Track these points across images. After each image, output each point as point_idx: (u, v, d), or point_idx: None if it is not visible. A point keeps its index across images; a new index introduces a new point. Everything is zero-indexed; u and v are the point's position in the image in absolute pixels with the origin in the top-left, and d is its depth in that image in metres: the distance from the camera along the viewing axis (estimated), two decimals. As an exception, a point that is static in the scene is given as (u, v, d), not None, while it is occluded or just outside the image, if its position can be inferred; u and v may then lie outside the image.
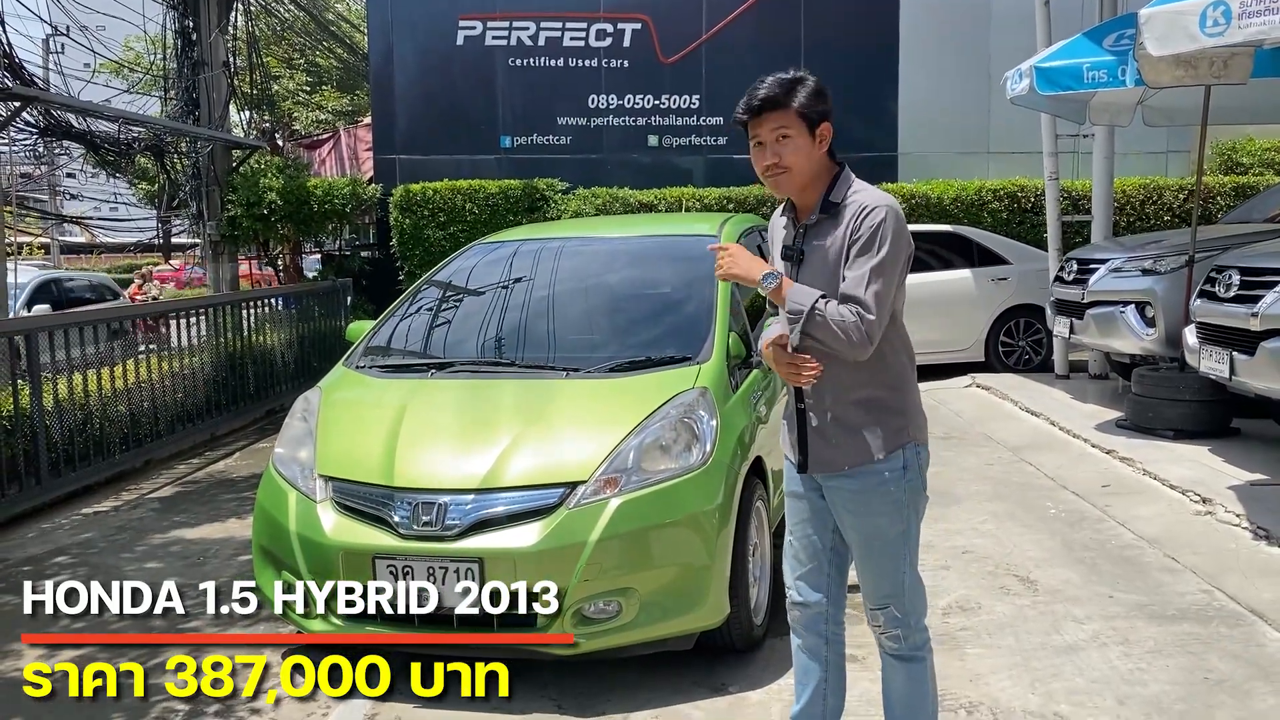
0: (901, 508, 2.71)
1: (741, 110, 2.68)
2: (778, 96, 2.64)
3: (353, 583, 3.59)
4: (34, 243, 34.95)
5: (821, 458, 2.74)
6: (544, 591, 3.45)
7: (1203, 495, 5.69)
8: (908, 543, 2.75)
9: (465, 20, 13.72)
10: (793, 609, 2.92)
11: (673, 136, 13.99)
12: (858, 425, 2.69)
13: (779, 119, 2.64)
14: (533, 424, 3.89)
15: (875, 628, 2.81)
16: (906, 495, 2.71)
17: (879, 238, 2.56)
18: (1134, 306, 7.63)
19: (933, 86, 13.90)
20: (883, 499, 2.70)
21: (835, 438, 2.71)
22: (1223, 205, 12.23)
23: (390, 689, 3.55)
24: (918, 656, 2.81)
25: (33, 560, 5.50)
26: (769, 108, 2.64)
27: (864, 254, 2.57)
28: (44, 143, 13.21)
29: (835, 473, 2.72)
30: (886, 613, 2.76)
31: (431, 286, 5.24)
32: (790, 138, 2.64)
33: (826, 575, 2.86)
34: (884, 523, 2.72)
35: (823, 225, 2.68)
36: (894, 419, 2.70)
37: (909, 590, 2.76)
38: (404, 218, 12.50)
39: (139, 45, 21.66)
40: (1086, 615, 4.28)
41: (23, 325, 6.58)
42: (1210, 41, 5.23)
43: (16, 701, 3.84)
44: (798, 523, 2.88)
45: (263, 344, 9.63)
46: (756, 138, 2.68)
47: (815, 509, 2.83)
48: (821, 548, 2.85)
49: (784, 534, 2.95)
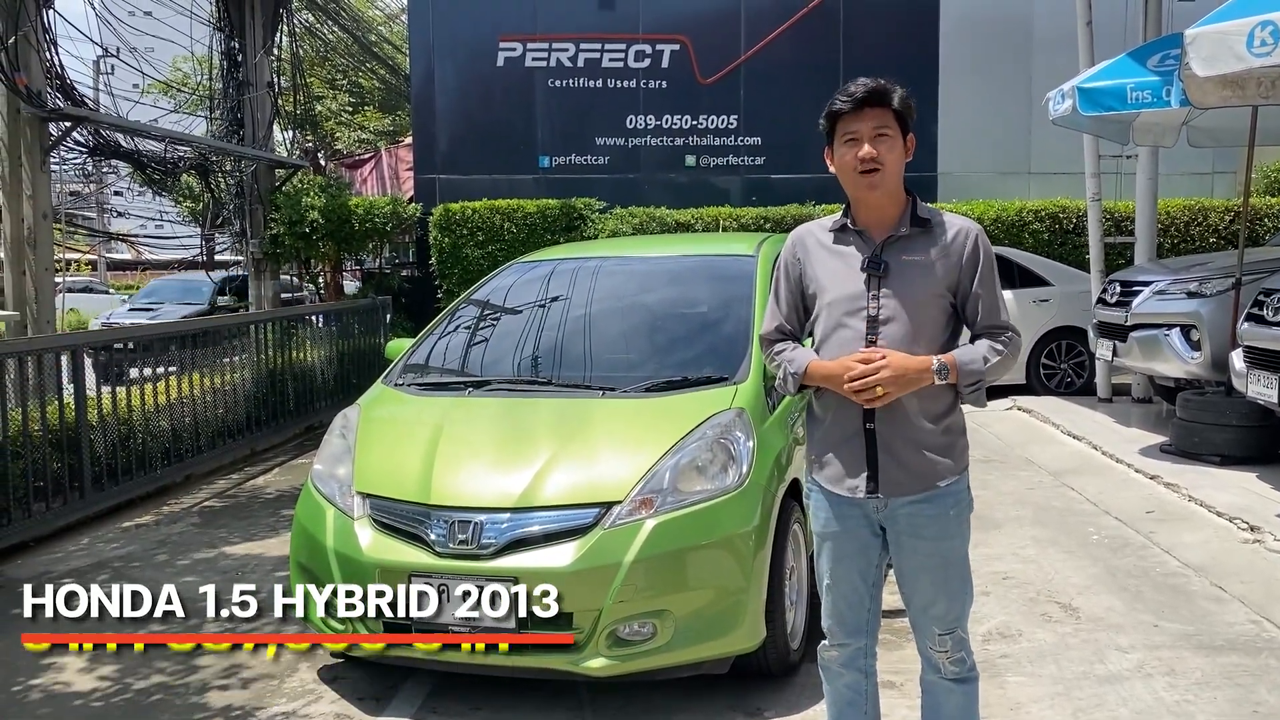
0: (968, 527, 2.72)
1: (844, 100, 2.60)
2: (883, 92, 2.60)
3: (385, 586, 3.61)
4: (81, 259, 35.63)
5: (895, 480, 2.64)
6: (579, 612, 3.44)
7: (1250, 523, 5.57)
8: (967, 554, 2.75)
9: (505, 42, 13.86)
10: (830, 649, 2.86)
11: (710, 156, 14.03)
12: (937, 446, 2.64)
13: (881, 116, 2.60)
14: (569, 443, 3.89)
15: (940, 653, 2.72)
16: (969, 508, 2.73)
17: (993, 263, 2.69)
18: (1179, 329, 7.52)
19: (973, 106, 13.83)
20: (957, 520, 2.68)
21: (912, 460, 2.63)
22: (1269, 227, 12.05)
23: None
24: (973, 677, 2.78)
25: (75, 573, 5.57)
26: (874, 102, 2.59)
27: (989, 280, 2.67)
28: (93, 161, 13.49)
29: (910, 496, 2.64)
30: (954, 636, 2.72)
31: (470, 305, 5.26)
32: (888, 137, 2.61)
33: (868, 611, 2.81)
34: (958, 543, 2.70)
35: (915, 240, 2.65)
36: (963, 439, 2.71)
37: (971, 603, 2.76)
38: (443, 236, 12.61)
39: (186, 66, 22.06)
40: (1130, 644, 4.20)
41: (70, 341, 6.68)
42: (1258, 62, 5.16)
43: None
44: (838, 562, 2.77)
45: (303, 360, 9.72)
46: (852, 133, 2.61)
47: (861, 544, 2.73)
48: (864, 585, 2.78)
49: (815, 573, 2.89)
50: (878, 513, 2.69)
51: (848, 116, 2.61)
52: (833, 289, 2.69)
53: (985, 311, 2.66)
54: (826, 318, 2.71)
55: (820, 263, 2.74)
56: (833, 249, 2.73)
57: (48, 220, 8.23)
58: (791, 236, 2.86)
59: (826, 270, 2.72)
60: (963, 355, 2.60)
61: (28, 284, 8.06)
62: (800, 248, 2.80)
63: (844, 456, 2.69)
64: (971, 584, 2.75)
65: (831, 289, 2.70)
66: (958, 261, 2.64)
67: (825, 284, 2.71)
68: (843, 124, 2.62)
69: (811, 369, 2.67)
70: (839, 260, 2.70)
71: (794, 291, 2.81)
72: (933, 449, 2.64)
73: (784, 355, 2.77)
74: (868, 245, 2.67)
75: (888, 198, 2.65)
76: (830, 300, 2.69)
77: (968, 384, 2.59)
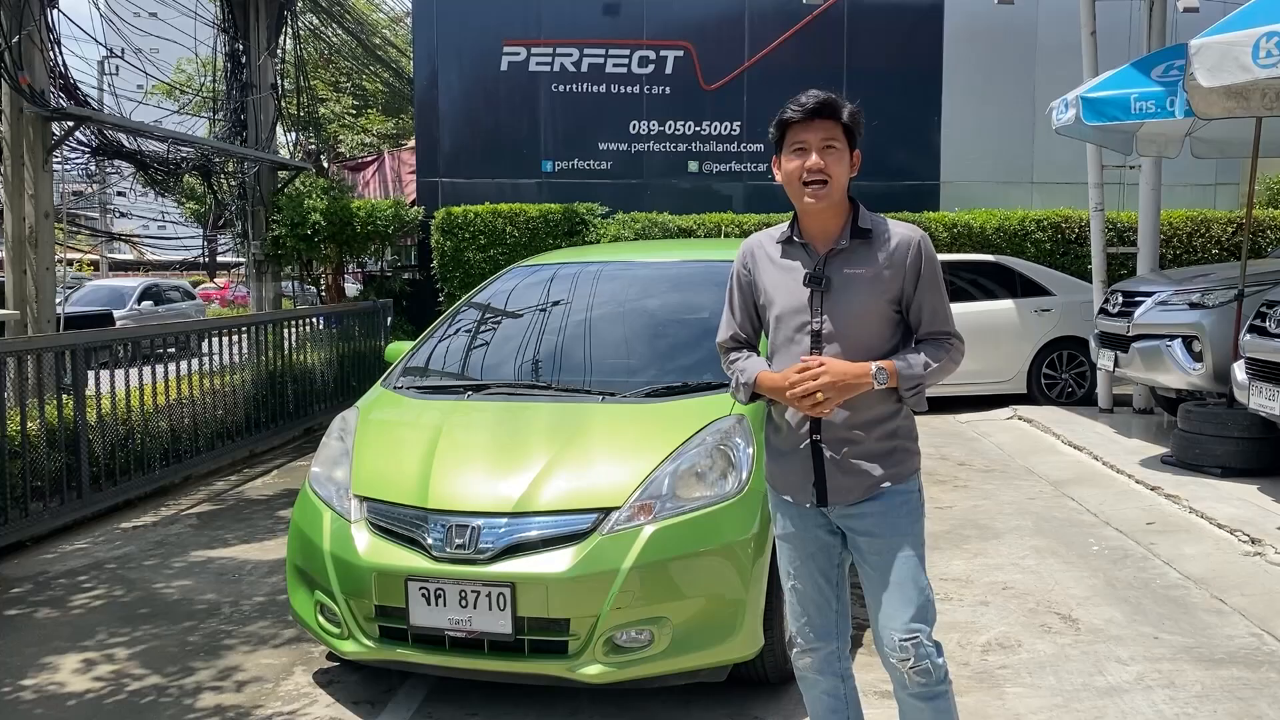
0: (919, 519, 2.72)
1: (796, 109, 2.60)
2: (834, 104, 2.60)
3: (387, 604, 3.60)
4: (83, 259, 35.66)
5: (841, 487, 2.67)
6: (576, 618, 3.43)
7: (1251, 535, 5.54)
8: (923, 556, 2.71)
9: (510, 46, 13.88)
10: (804, 656, 2.86)
11: (713, 162, 14.03)
12: (880, 453, 2.67)
13: (830, 129, 2.60)
14: (568, 448, 3.87)
15: (902, 663, 2.62)
16: (920, 511, 2.73)
17: (937, 269, 2.68)
18: (1181, 340, 7.50)
19: (976, 115, 13.84)
20: (908, 520, 2.69)
21: (857, 468, 2.66)
22: (1272, 239, 12.05)
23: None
24: (942, 692, 2.67)
25: (71, 573, 5.56)
26: (825, 114, 2.59)
27: (932, 286, 2.66)
28: (96, 161, 13.49)
29: (857, 500, 2.67)
30: (915, 642, 2.61)
31: (470, 308, 5.25)
32: (836, 150, 2.61)
33: (835, 612, 2.82)
34: (909, 543, 2.67)
35: (856, 251, 2.66)
36: (908, 444, 2.73)
37: (932, 609, 2.68)
38: (445, 240, 12.61)
39: (190, 68, 22.09)
40: (1130, 656, 4.17)
41: (70, 340, 6.67)
42: (1263, 73, 5.16)
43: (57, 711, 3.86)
44: (799, 564, 2.80)
45: (303, 363, 9.71)
46: (801, 143, 2.61)
47: (821, 544, 2.77)
48: (827, 584, 2.80)
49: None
50: (831, 514, 2.73)
51: (797, 126, 2.61)
52: (779, 302, 2.72)
53: (929, 318, 2.67)
54: (775, 331, 2.74)
55: (767, 275, 2.77)
56: (779, 262, 2.75)
57: (49, 220, 8.23)
58: (742, 246, 2.87)
59: (773, 283, 2.75)
60: (903, 365, 2.61)
61: (28, 283, 8.05)
62: (750, 258, 2.82)
63: (793, 466, 2.74)
64: (928, 592, 2.67)
65: (778, 302, 2.72)
66: (900, 270, 2.64)
67: (773, 297, 2.74)
68: (792, 133, 2.63)
69: (760, 380, 2.71)
70: (784, 274, 2.72)
71: (746, 301, 2.85)
72: (874, 456, 2.66)
73: (737, 365, 2.82)
74: (811, 259, 2.68)
75: (831, 210, 2.66)
76: (777, 314, 2.72)
77: (907, 388, 2.62)
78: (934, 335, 2.68)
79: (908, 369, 2.62)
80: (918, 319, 2.68)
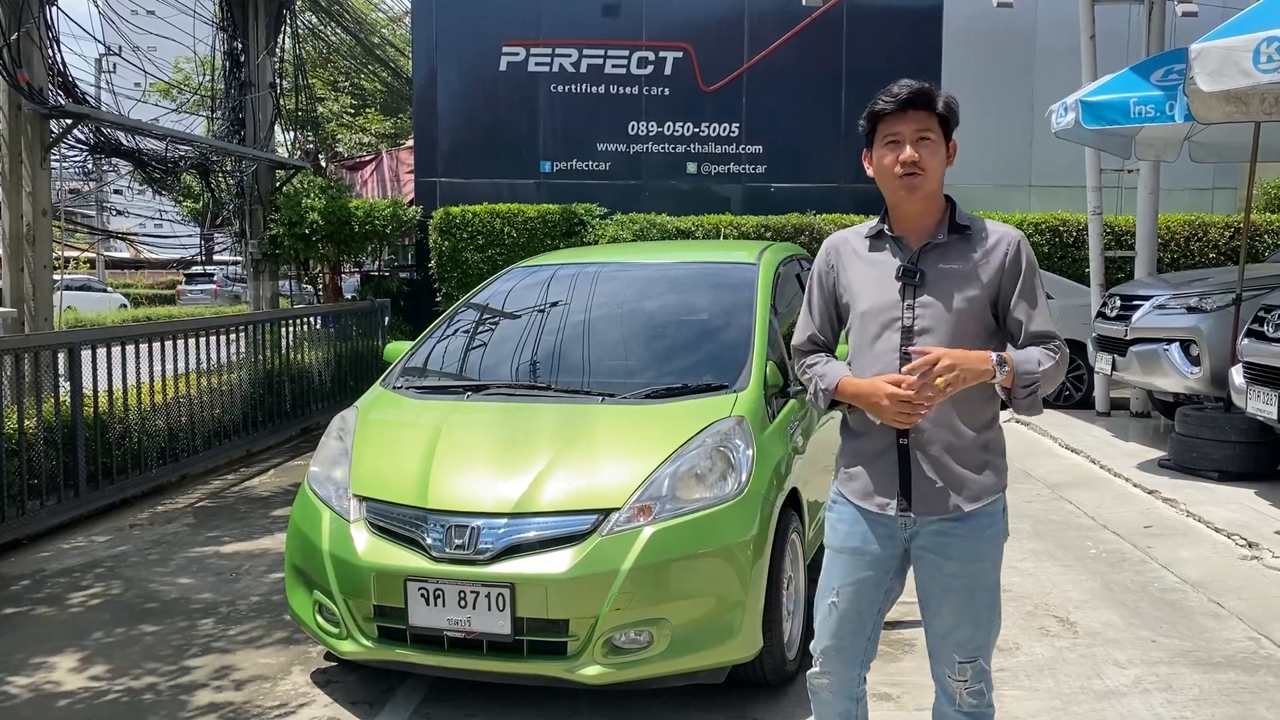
0: (1000, 553, 2.59)
1: (887, 100, 2.49)
2: (928, 94, 2.48)
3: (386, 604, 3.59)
4: (80, 257, 35.60)
5: (928, 497, 2.51)
6: (575, 619, 3.43)
7: (1248, 539, 5.55)
8: (999, 581, 2.61)
9: (509, 46, 13.86)
10: (821, 676, 2.71)
11: (712, 164, 14.03)
12: (976, 465, 2.52)
13: (924, 119, 2.49)
14: (567, 449, 3.87)
15: (959, 682, 2.56)
16: (1005, 534, 2.60)
17: (1036, 271, 2.55)
18: (1178, 344, 7.52)
19: (975, 118, 13.65)
20: (990, 542, 2.55)
21: (947, 477, 2.50)
22: (1269, 244, 12.06)
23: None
24: (989, 714, 2.62)
25: (68, 572, 5.55)
26: (918, 104, 2.47)
27: (1033, 289, 2.52)
28: (93, 159, 13.45)
29: (946, 515, 2.51)
30: (975, 666, 2.56)
31: (469, 309, 5.25)
32: (931, 141, 2.49)
33: (867, 638, 2.66)
34: (989, 567, 2.56)
35: (953, 247, 2.53)
36: (1002, 460, 2.59)
37: (998, 633, 2.61)
38: (443, 240, 12.60)
39: (188, 66, 22.04)
40: (1128, 659, 4.18)
41: (67, 339, 6.65)
42: (1264, 78, 5.16)
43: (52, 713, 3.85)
44: (850, 582, 2.61)
45: (300, 362, 9.69)
46: (894, 135, 2.49)
47: (880, 565, 2.59)
48: (870, 607, 2.63)
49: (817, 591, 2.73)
50: (905, 530, 2.56)
51: (890, 118, 2.49)
52: (866, 298, 2.57)
53: (1030, 320, 2.50)
54: (860, 328, 2.59)
55: (854, 271, 2.62)
56: (867, 257, 2.61)
57: (47, 217, 8.20)
58: (826, 244, 2.73)
59: (860, 278, 2.60)
60: (1019, 360, 2.44)
61: (26, 281, 8.03)
62: (834, 255, 2.68)
63: (875, 471, 2.57)
64: (999, 614, 2.60)
65: (865, 298, 2.57)
66: (999, 270, 2.50)
67: (859, 293, 2.59)
68: (884, 125, 2.51)
69: (843, 385, 2.55)
70: (874, 268, 2.58)
71: (827, 301, 2.70)
72: (970, 465, 2.51)
73: (815, 369, 2.66)
74: (904, 253, 2.55)
75: (926, 203, 2.54)
76: (864, 310, 2.57)
77: (1024, 385, 2.43)
78: (1038, 338, 2.50)
79: (1026, 363, 2.43)
80: (1018, 322, 2.52)
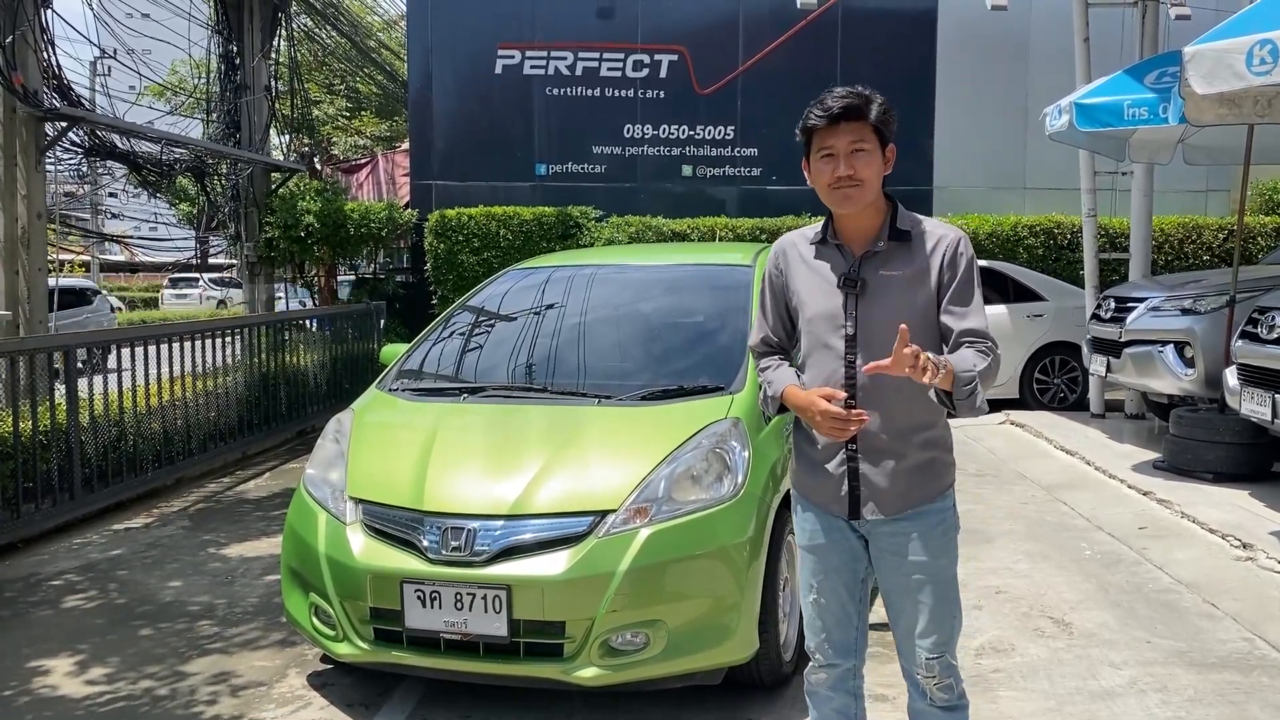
0: (955, 547, 2.63)
1: (819, 115, 2.50)
2: (859, 106, 2.48)
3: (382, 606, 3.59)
4: (75, 260, 35.49)
5: (878, 501, 2.56)
6: (571, 621, 3.43)
7: (1243, 540, 5.57)
8: (956, 575, 2.65)
9: (504, 49, 13.88)
10: (818, 671, 2.77)
11: (707, 166, 14.05)
12: (922, 464, 2.56)
13: (857, 130, 2.49)
14: (563, 451, 3.87)
15: (928, 679, 2.61)
16: (956, 527, 2.64)
17: (974, 271, 2.55)
18: (1173, 346, 7.54)
19: (969, 120, 13.88)
20: (944, 537, 2.59)
21: (895, 480, 2.55)
22: (1263, 245, 12.08)
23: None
24: (962, 705, 2.67)
25: (64, 575, 5.54)
26: (849, 116, 2.48)
27: (969, 288, 2.53)
28: (88, 162, 13.44)
29: (895, 516, 2.57)
30: (942, 661, 2.60)
31: (465, 311, 5.25)
32: (865, 151, 2.49)
33: (856, 630, 2.72)
34: (945, 562, 2.60)
35: (893, 253, 2.55)
36: (949, 454, 2.63)
37: (960, 625, 2.66)
38: (439, 242, 12.60)
39: (184, 69, 22.01)
40: (1123, 660, 4.19)
41: (62, 342, 6.64)
42: (1257, 80, 5.18)
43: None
44: (823, 578, 2.69)
45: (296, 365, 9.68)
46: (828, 149, 2.50)
47: (848, 558, 2.66)
48: (851, 600, 2.70)
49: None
50: (860, 529, 2.63)
51: (823, 131, 2.50)
52: (812, 305, 2.61)
53: (971, 319, 2.50)
54: (807, 335, 2.63)
55: (800, 276, 2.66)
56: (812, 263, 2.64)
57: (42, 220, 8.19)
58: (774, 246, 2.77)
59: (806, 285, 2.64)
60: (957, 362, 2.40)
61: (20, 284, 8.02)
62: (782, 259, 2.72)
63: (826, 474, 2.63)
64: (960, 607, 2.65)
65: (811, 305, 2.61)
66: (939, 272, 2.52)
67: (805, 299, 2.63)
68: (818, 138, 2.52)
69: (786, 395, 2.60)
70: (817, 275, 2.62)
71: (779, 303, 2.74)
72: (916, 465, 2.56)
73: (766, 374, 2.72)
74: (846, 260, 2.57)
75: (867, 211, 2.56)
76: (809, 317, 2.62)
77: (963, 384, 2.39)
78: (969, 338, 2.49)
79: (962, 366, 2.39)
80: (950, 318, 2.52)
